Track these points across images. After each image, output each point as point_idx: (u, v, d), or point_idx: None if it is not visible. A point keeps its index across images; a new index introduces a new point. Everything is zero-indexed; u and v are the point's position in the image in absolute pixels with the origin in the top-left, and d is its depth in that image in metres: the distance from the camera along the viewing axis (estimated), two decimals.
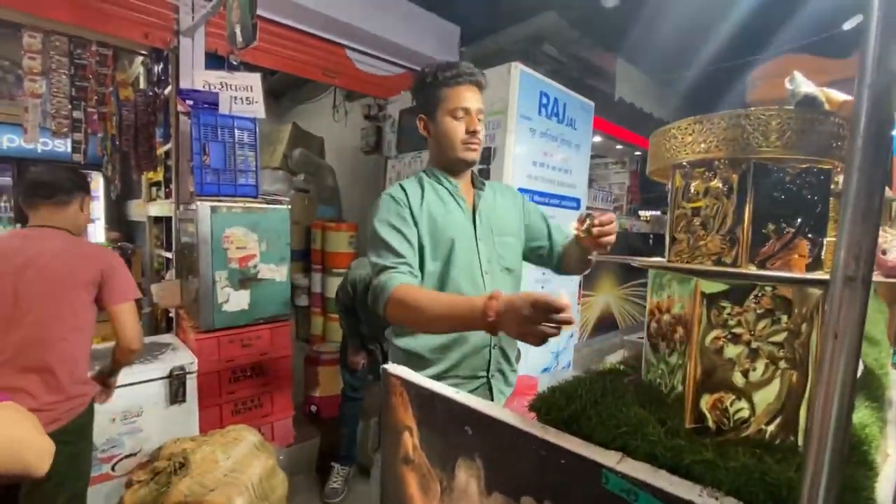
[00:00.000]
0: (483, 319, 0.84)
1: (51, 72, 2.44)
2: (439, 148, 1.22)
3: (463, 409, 0.68)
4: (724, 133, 0.55)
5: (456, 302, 0.97)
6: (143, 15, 2.29)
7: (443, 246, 1.16)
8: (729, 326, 0.54)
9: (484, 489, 0.65)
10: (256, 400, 2.21)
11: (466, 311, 0.90)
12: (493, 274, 1.24)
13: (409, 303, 1.00)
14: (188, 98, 2.00)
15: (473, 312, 0.87)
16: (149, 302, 3.16)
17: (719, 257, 0.58)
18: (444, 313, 0.96)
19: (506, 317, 0.80)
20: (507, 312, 0.80)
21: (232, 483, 1.69)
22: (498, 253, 1.25)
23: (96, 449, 1.71)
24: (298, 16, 2.74)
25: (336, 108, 4.31)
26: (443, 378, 1.14)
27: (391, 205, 1.16)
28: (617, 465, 0.50)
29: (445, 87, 1.15)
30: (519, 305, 0.76)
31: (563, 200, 2.80)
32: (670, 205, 0.64)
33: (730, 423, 0.55)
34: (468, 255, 1.20)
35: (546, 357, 2.86)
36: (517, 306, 0.77)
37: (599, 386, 0.70)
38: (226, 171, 2.05)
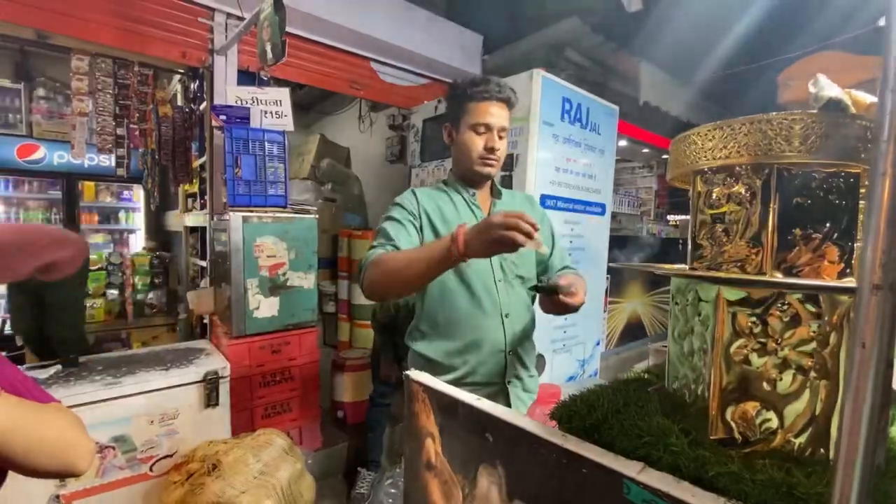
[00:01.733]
0: (453, 243, 0.89)
1: (96, 92, 2.60)
2: (459, 158, 1.26)
3: (484, 416, 0.69)
4: (745, 139, 0.54)
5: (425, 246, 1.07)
6: (181, 36, 2.42)
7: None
8: (755, 335, 0.53)
9: (505, 497, 0.66)
10: (285, 404, 2.26)
11: (437, 243, 0.97)
12: (506, 282, 1.25)
13: (384, 259, 1.06)
14: (221, 113, 2.09)
15: (443, 241, 0.93)
16: (185, 308, 3.30)
17: (743, 264, 0.57)
18: (415, 253, 1.02)
19: (473, 233, 0.87)
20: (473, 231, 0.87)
21: (262, 486, 1.74)
22: (511, 261, 1.26)
23: (136, 449, 1.79)
24: (325, 31, 2.84)
25: (361, 119, 4.41)
26: (460, 384, 1.15)
27: (396, 206, 1.23)
28: (638, 475, 0.50)
29: (472, 101, 1.19)
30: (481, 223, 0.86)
31: (587, 206, 2.77)
32: (692, 211, 0.63)
33: (756, 435, 0.53)
34: (481, 261, 1.22)
35: (572, 366, 2.82)
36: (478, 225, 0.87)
37: (622, 395, 0.69)
38: (257, 182, 2.13)
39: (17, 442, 0.59)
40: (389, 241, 1.13)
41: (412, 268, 0.99)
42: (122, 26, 2.27)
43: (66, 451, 0.66)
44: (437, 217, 1.22)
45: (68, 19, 2.14)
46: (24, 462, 0.60)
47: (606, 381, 0.81)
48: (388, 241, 1.13)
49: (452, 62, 3.40)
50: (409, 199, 1.23)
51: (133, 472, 1.77)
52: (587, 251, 2.78)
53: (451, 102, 1.25)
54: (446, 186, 1.30)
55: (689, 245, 0.64)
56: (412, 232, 1.18)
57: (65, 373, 1.84)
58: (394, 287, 1.06)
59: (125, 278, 3.06)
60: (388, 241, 1.13)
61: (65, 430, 0.67)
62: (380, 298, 1.14)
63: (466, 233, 0.88)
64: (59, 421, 0.67)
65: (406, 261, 1.01)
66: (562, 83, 2.52)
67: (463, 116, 1.20)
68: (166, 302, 3.24)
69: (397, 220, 1.18)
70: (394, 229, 1.16)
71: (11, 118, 4.07)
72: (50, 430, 0.64)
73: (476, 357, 1.21)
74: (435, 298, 1.23)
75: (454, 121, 1.23)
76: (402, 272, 1.01)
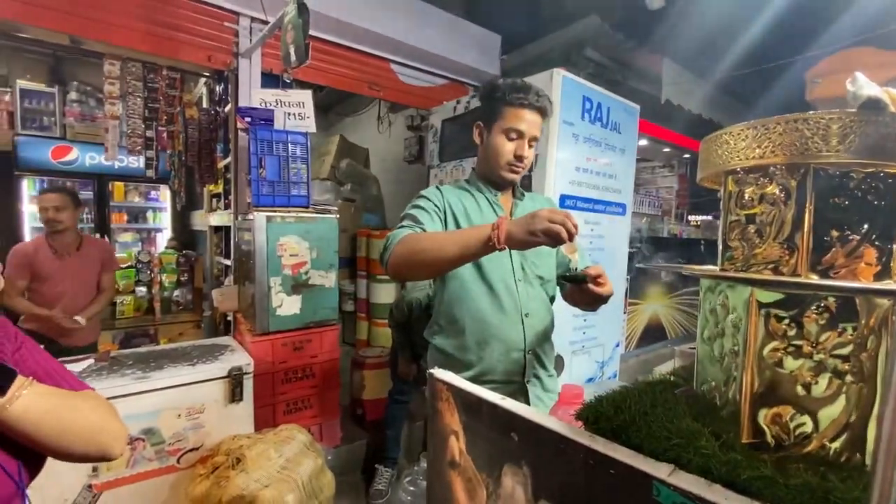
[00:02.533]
0: (494, 229, 0.90)
1: (127, 95, 2.69)
2: (486, 160, 1.26)
3: (509, 415, 0.69)
4: (780, 138, 0.54)
5: (464, 229, 1.08)
6: (208, 40, 2.49)
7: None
8: (789, 338, 0.52)
9: (531, 496, 0.66)
10: (306, 401, 2.30)
11: (474, 228, 0.98)
12: (526, 281, 1.25)
13: (415, 237, 1.04)
14: (246, 115, 2.14)
15: (482, 227, 0.95)
16: (210, 306, 3.38)
17: (777, 266, 0.56)
18: (449, 235, 1.03)
19: (516, 223, 0.89)
20: (514, 223, 0.90)
21: (284, 480, 1.77)
22: (531, 261, 1.26)
23: (164, 442, 1.85)
24: (345, 33, 2.87)
25: (380, 120, 4.45)
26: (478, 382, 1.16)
27: (421, 198, 1.23)
28: (669, 477, 0.50)
29: (508, 106, 1.17)
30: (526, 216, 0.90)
31: (608, 206, 2.74)
32: (722, 212, 0.63)
33: (790, 439, 0.53)
34: (501, 259, 1.22)
35: (591, 367, 2.79)
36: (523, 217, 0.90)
37: (649, 397, 0.69)
38: (280, 182, 2.18)
39: (50, 426, 0.61)
40: (417, 223, 1.13)
41: (444, 249, 0.97)
42: (152, 31, 2.34)
43: (100, 435, 0.68)
44: (460, 213, 1.22)
45: (101, 25, 2.22)
46: (58, 446, 0.63)
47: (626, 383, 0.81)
48: (416, 224, 1.13)
49: (471, 62, 3.40)
50: (435, 194, 1.24)
51: (161, 464, 1.83)
52: (606, 251, 2.75)
53: (486, 102, 1.23)
54: (469, 185, 1.31)
55: (720, 246, 0.63)
56: (437, 222, 1.18)
57: (97, 366, 1.91)
58: (421, 265, 1.03)
59: (153, 276, 3.15)
60: (416, 223, 1.13)
61: (98, 416, 0.69)
62: (403, 277, 1.13)
63: (509, 222, 0.90)
64: (92, 407, 0.70)
65: (439, 241, 1.00)
66: (582, 82, 2.50)
67: (497, 119, 1.19)
68: (192, 299, 3.34)
69: (423, 208, 1.19)
70: (421, 215, 1.16)
71: (46, 121, 4.24)
72: (83, 416, 0.67)
73: (493, 354, 1.21)
74: (454, 294, 1.23)
75: (487, 122, 1.22)
76: (433, 252, 0.99)
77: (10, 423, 0.57)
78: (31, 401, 0.59)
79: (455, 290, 1.23)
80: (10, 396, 0.57)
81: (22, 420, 0.58)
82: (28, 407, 0.59)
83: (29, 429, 0.59)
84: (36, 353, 0.72)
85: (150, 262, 3.16)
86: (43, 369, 0.70)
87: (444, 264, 1.02)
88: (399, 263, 1.04)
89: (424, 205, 1.20)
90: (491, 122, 1.21)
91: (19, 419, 0.58)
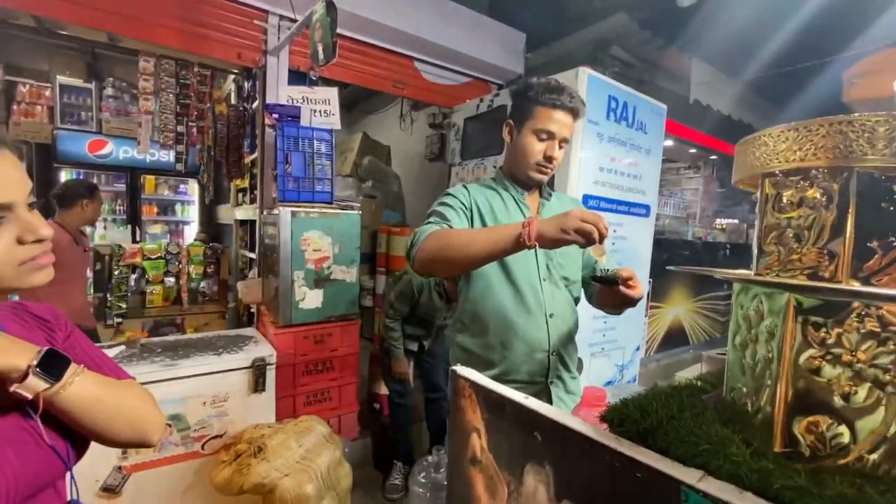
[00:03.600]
0: (525, 227, 0.90)
1: (160, 91, 2.78)
2: (514, 159, 1.25)
3: (533, 415, 0.69)
4: (823, 141, 0.52)
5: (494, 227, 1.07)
6: (237, 38, 2.54)
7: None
8: (827, 346, 0.51)
9: (553, 496, 0.66)
10: (326, 393, 2.34)
11: (504, 226, 0.98)
12: (550, 281, 1.24)
13: (443, 233, 1.05)
14: (274, 112, 2.19)
15: (512, 225, 0.95)
16: (234, 297, 3.47)
17: (815, 271, 0.54)
18: (478, 232, 1.03)
19: (547, 221, 0.90)
20: (545, 222, 0.90)
21: (304, 470, 1.81)
22: (557, 261, 1.25)
23: (189, 428, 1.91)
24: (371, 31, 2.90)
25: (403, 118, 4.47)
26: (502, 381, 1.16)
27: (449, 195, 1.23)
28: (698, 482, 0.49)
29: (540, 106, 1.16)
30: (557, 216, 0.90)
31: (631, 207, 2.69)
32: (759, 215, 0.61)
33: (826, 450, 0.51)
34: (527, 260, 1.22)
35: (610, 370, 2.76)
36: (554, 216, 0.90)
37: (676, 401, 0.68)
38: (305, 178, 2.22)
39: (100, 415, 0.65)
40: (445, 220, 1.13)
41: (473, 245, 0.97)
42: (185, 29, 2.41)
43: (142, 423, 0.72)
44: (487, 212, 1.22)
45: (138, 23, 2.30)
46: (105, 432, 0.66)
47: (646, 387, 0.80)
48: (443, 221, 1.13)
49: (495, 60, 3.39)
50: (462, 192, 1.24)
51: (186, 450, 1.89)
52: (629, 253, 2.71)
53: (517, 101, 1.22)
54: (496, 184, 1.30)
55: (755, 250, 0.61)
56: (464, 220, 1.18)
57: (128, 353, 1.99)
58: (449, 261, 1.03)
59: (181, 267, 3.25)
60: (443, 220, 1.13)
61: (141, 405, 0.73)
62: (429, 272, 1.12)
63: (539, 220, 0.91)
64: (136, 396, 0.73)
65: (468, 237, 1.00)
66: (608, 81, 2.46)
67: (528, 118, 1.18)
68: (217, 290, 3.43)
69: (450, 206, 1.19)
70: (448, 212, 1.16)
71: (84, 115, 4.41)
72: (128, 404, 0.70)
73: (517, 355, 1.20)
74: (479, 293, 1.23)
75: (518, 120, 1.21)
76: (462, 248, 0.99)
77: (62, 406, 0.60)
78: (82, 387, 0.62)
79: (480, 290, 1.23)
80: (64, 382, 0.60)
81: (73, 405, 0.61)
82: (79, 393, 0.61)
83: (79, 414, 0.62)
84: (83, 340, 0.75)
85: (178, 254, 3.26)
86: (90, 357, 0.73)
87: (473, 261, 1.01)
88: (427, 258, 1.04)
89: (451, 202, 1.20)
90: (522, 121, 1.20)
91: (71, 404, 0.61)
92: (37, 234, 0.59)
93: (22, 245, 0.58)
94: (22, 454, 0.57)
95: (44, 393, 0.58)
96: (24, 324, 0.68)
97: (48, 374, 0.58)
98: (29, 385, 0.56)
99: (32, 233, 0.58)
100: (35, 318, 0.71)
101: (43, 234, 0.59)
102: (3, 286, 0.58)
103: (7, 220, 0.56)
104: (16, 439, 0.58)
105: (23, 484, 0.56)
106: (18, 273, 0.58)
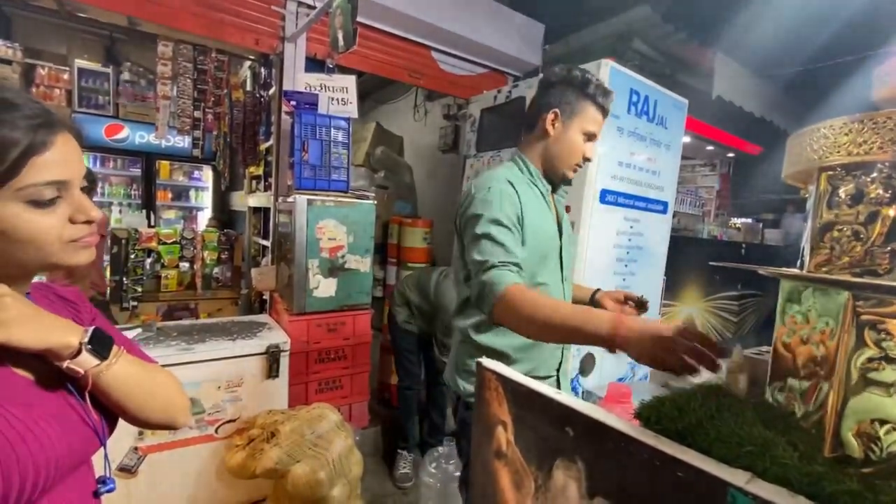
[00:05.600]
0: (612, 338, 0.79)
1: (178, 76, 2.77)
2: (553, 152, 1.18)
3: (565, 409, 0.68)
4: (890, 133, 0.50)
5: (578, 313, 0.89)
6: (255, 24, 2.53)
7: (538, 249, 1.15)
8: (886, 348, 0.49)
9: (585, 493, 0.65)
10: (338, 381, 2.35)
11: (590, 318, 0.85)
12: (567, 281, 1.26)
13: (524, 303, 0.94)
14: (292, 99, 2.17)
15: (599, 322, 0.82)
16: (246, 284, 3.49)
17: (874, 270, 0.52)
18: (562, 314, 0.89)
19: (635, 342, 0.76)
20: (639, 338, 0.76)
21: (315, 457, 1.82)
22: (566, 263, 1.27)
23: (204, 412, 1.93)
24: (388, 19, 2.86)
25: (416, 108, 4.44)
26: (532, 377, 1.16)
27: (504, 203, 1.08)
28: (746, 484, 0.47)
29: (593, 105, 1.13)
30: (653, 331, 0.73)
31: (649, 203, 2.65)
32: (812, 211, 0.59)
33: (881, 454, 0.49)
34: (555, 260, 1.21)
35: (622, 367, 2.73)
36: (650, 333, 0.73)
37: (713, 401, 0.66)
38: (321, 166, 2.21)
39: (136, 395, 0.66)
40: (509, 255, 1.03)
41: (555, 331, 0.91)
42: (204, 14, 2.40)
43: (172, 406, 0.72)
44: (528, 212, 1.15)
45: (158, 7, 2.29)
46: (139, 412, 0.67)
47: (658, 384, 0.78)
48: (509, 256, 1.03)
49: (513, 52, 3.34)
50: (510, 196, 1.11)
51: (200, 433, 1.91)
52: (645, 250, 2.67)
53: (570, 93, 1.14)
54: (530, 176, 1.22)
55: (807, 246, 0.59)
56: (519, 238, 1.10)
57: (144, 336, 2.00)
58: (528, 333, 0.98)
59: (195, 253, 3.27)
60: (508, 254, 1.03)
61: (171, 388, 0.73)
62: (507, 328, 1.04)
63: (630, 330, 0.77)
64: (167, 380, 0.74)
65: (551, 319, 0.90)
66: (631, 74, 2.41)
67: (578, 114, 1.13)
68: (231, 277, 3.45)
69: (507, 227, 1.07)
70: (509, 239, 1.05)
71: (101, 100, 4.43)
72: (162, 387, 0.71)
73: (542, 351, 1.22)
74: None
75: (568, 114, 1.14)
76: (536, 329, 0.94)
77: (105, 384, 0.61)
78: (123, 368, 0.63)
79: None
80: (110, 361, 0.61)
81: (116, 383, 0.62)
82: (119, 373, 0.62)
83: (119, 392, 0.63)
84: (106, 324, 0.76)
85: (193, 240, 3.27)
86: (119, 339, 0.73)
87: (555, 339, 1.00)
88: (506, 320, 0.98)
89: (506, 221, 1.07)
90: (572, 115, 1.14)
91: (114, 381, 0.62)
92: (88, 214, 0.60)
93: (73, 224, 0.59)
94: (67, 430, 0.58)
95: (91, 370, 0.59)
96: (51, 304, 0.69)
97: (97, 352, 0.59)
98: (80, 362, 0.58)
99: (84, 213, 0.60)
100: (61, 299, 0.72)
101: (93, 216, 0.61)
102: (49, 261, 0.59)
103: (62, 199, 0.58)
104: (61, 415, 0.58)
105: (66, 459, 0.57)
106: (65, 250, 0.59)
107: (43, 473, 0.53)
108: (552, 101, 1.15)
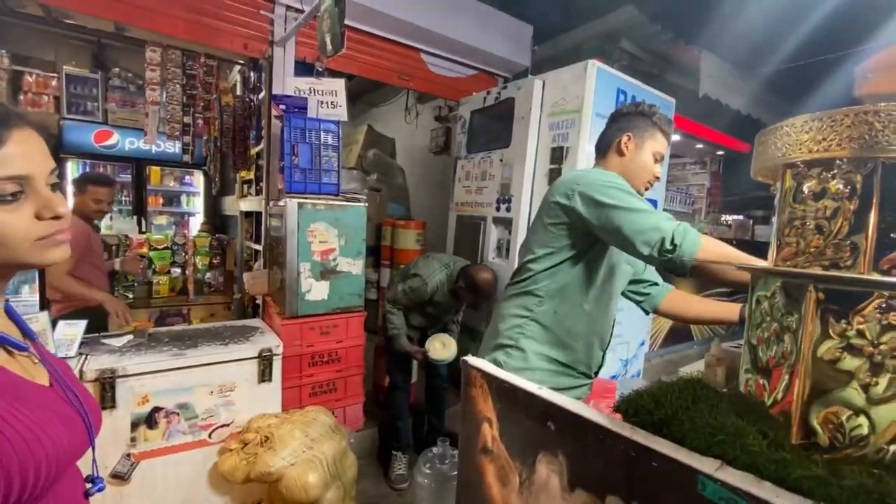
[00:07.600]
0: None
1: (167, 82, 2.77)
2: (630, 172, 1.31)
3: (546, 404, 0.69)
4: (847, 131, 0.52)
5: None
6: (244, 28, 2.53)
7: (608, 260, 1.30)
8: (847, 337, 0.51)
9: (566, 485, 0.66)
10: (331, 384, 2.35)
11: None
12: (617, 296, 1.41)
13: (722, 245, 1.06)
14: (281, 103, 2.18)
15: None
16: (239, 288, 3.48)
17: (836, 263, 0.54)
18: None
19: None
20: None
21: (309, 460, 1.82)
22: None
23: (197, 416, 1.92)
24: (377, 22, 2.88)
25: (408, 111, 4.45)
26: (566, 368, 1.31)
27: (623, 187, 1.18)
28: (716, 472, 0.49)
29: (661, 132, 1.30)
30: None
31: None
32: (778, 206, 0.61)
33: (844, 441, 0.51)
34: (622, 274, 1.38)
35: (615, 365, 2.76)
36: None
37: (689, 392, 0.68)
38: (312, 170, 2.21)
39: None
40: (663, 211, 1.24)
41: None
42: (192, 19, 2.40)
43: None
44: None
45: (145, 12, 2.29)
46: None
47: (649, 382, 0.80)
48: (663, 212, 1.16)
49: (502, 53, 3.36)
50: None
51: (194, 438, 1.90)
52: None
53: (639, 119, 1.31)
54: None
55: (774, 241, 0.61)
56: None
57: (136, 342, 2.00)
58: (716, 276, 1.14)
59: (187, 258, 3.27)
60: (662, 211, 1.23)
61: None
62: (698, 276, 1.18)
63: None
64: None
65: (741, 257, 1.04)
66: (617, 74, 2.44)
67: (649, 139, 1.29)
68: (223, 281, 3.44)
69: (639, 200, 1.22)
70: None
71: (90, 106, 4.40)
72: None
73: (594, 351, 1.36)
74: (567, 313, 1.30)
75: (640, 137, 1.30)
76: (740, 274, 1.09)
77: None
78: None
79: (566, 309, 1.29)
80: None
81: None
82: None
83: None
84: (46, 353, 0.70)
85: (184, 245, 3.27)
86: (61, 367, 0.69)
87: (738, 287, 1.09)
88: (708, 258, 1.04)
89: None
90: (643, 138, 1.30)
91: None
92: (54, 210, 0.58)
93: (40, 221, 0.57)
94: (67, 428, 0.58)
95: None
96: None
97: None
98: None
99: (50, 209, 0.58)
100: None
101: (60, 211, 0.59)
102: (20, 261, 0.57)
103: (26, 195, 0.56)
104: (62, 413, 0.58)
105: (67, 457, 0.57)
106: (35, 248, 0.57)
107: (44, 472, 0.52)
108: (624, 126, 1.32)
